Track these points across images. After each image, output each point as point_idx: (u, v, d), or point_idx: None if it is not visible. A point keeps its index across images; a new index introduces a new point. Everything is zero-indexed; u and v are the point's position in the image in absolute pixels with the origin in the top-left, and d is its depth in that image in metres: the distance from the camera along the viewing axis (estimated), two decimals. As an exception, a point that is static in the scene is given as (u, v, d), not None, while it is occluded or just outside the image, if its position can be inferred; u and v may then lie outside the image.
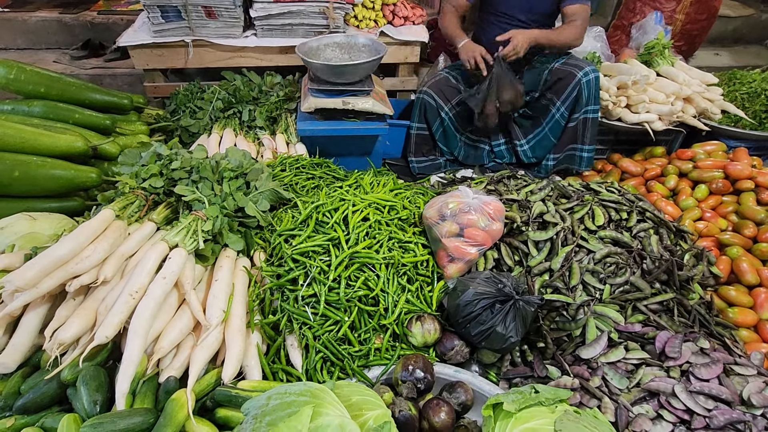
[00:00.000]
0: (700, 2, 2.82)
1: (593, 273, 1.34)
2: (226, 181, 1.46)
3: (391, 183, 1.66)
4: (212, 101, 2.33)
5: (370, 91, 2.01)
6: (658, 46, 2.41)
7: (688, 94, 2.14)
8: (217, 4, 2.21)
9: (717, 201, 1.81)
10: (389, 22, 2.56)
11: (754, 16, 3.62)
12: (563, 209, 1.52)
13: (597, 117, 2.09)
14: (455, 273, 1.39)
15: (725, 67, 3.26)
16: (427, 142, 2.33)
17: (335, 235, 1.31)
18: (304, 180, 1.80)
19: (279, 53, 2.44)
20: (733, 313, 1.44)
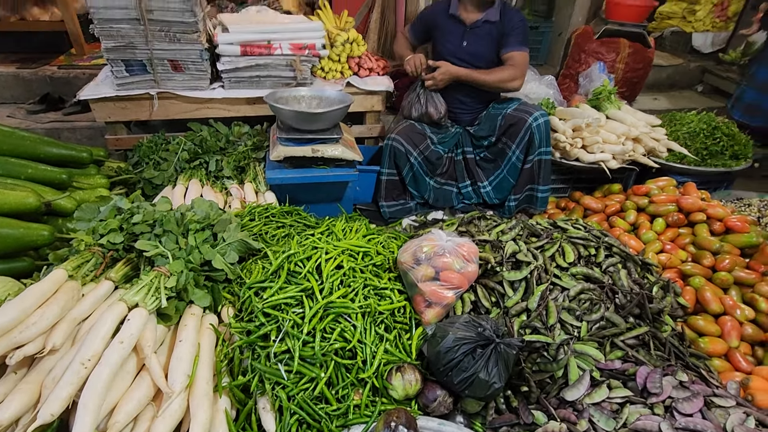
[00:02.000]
0: (636, 53, 3.12)
1: (569, 311, 1.34)
2: (192, 234, 1.40)
3: (364, 228, 1.65)
4: (177, 152, 2.28)
5: (339, 138, 2.04)
6: (604, 92, 2.61)
7: (636, 135, 2.30)
8: (183, 57, 2.23)
9: (674, 233, 1.90)
10: (355, 73, 2.66)
11: (683, 65, 4.03)
12: (534, 248, 1.55)
13: (549, 158, 2.22)
14: (433, 318, 1.36)
15: (664, 110, 3.56)
16: (397, 186, 2.36)
17: (308, 285, 1.26)
18: (274, 229, 1.75)
19: (246, 104, 2.46)
20: (704, 343, 1.47)
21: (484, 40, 2.21)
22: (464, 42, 2.23)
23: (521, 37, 2.15)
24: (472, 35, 2.22)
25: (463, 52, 2.25)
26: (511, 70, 2.17)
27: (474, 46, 2.23)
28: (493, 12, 2.16)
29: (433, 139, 2.34)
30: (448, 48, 2.28)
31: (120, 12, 2.03)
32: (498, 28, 2.18)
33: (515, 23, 2.14)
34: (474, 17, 2.19)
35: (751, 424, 1.10)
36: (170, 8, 2.07)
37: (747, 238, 1.73)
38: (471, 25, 2.21)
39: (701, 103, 3.81)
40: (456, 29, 2.24)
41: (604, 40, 3.14)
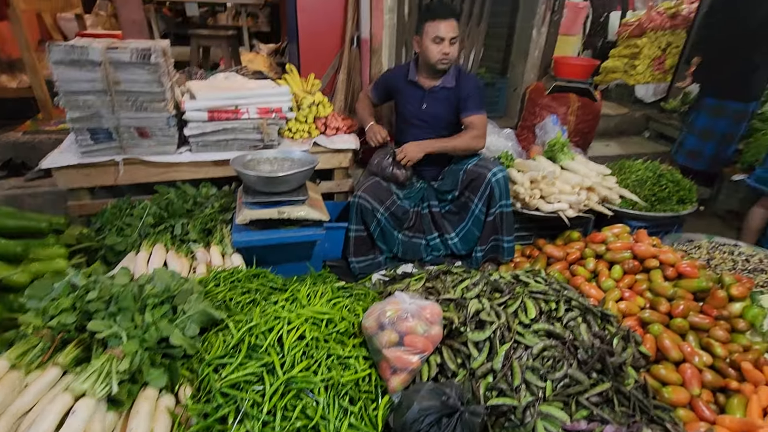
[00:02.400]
0: (584, 106, 3.36)
1: (533, 370, 1.35)
2: (149, 310, 1.36)
3: (330, 292, 1.65)
4: (142, 217, 2.26)
5: (304, 199, 2.08)
6: (558, 144, 2.78)
7: (589, 185, 2.43)
8: (151, 125, 2.27)
9: (632, 280, 1.98)
10: (322, 132, 2.75)
11: (629, 114, 4.36)
12: (497, 304, 1.58)
13: (510, 210, 2.32)
14: (399, 385, 1.34)
15: (615, 155, 3.80)
16: (366, 242, 2.39)
17: (269, 360, 1.23)
18: (239, 295, 1.73)
19: (214, 166, 2.49)
20: (667, 393, 1.50)
21: (443, 104, 2.34)
22: (424, 105, 2.36)
23: (478, 102, 2.29)
24: (431, 99, 2.35)
25: (423, 114, 2.38)
26: (473, 136, 2.30)
27: (433, 109, 2.36)
28: (450, 79, 2.31)
29: (399, 195, 2.41)
30: (409, 110, 2.41)
31: (86, 84, 2.07)
32: (455, 93, 2.31)
33: (471, 89, 2.28)
34: (431, 83, 2.33)
35: (714, 481, 1.11)
36: (138, 80, 2.12)
37: (698, 282, 1.82)
38: (429, 90, 2.34)
39: (649, 147, 4.09)
40: (415, 93, 2.38)
41: (555, 95, 3.38)
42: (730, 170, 3.46)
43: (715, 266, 2.17)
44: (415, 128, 2.43)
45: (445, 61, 2.19)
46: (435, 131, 2.39)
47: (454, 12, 2.15)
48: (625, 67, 4.61)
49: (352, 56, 3.49)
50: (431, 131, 2.39)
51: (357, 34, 3.48)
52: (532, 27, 3.60)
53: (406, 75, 2.39)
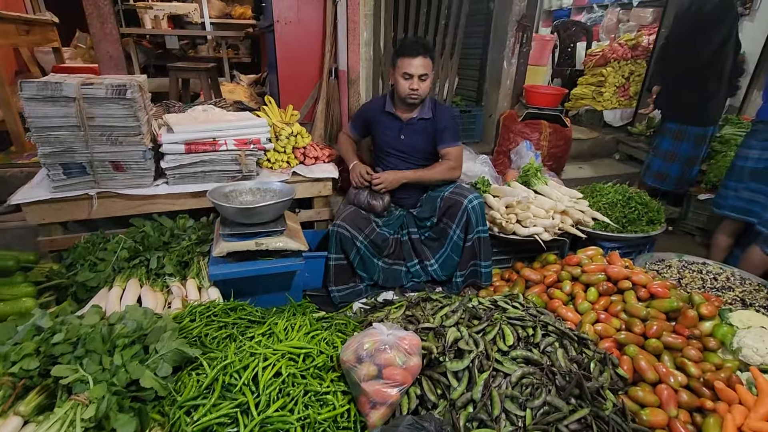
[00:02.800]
0: (556, 132, 3.49)
1: (512, 399, 1.35)
2: (119, 351, 1.32)
3: (307, 324, 1.63)
4: (116, 251, 2.21)
5: (283, 230, 2.07)
6: (532, 169, 2.86)
7: (563, 209, 2.50)
8: (126, 159, 2.25)
9: (607, 301, 2.01)
10: (301, 162, 2.78)
11: (600, 138, 4.54)
12: (476, 332, 1.58)
13: (487, 236, 2.36)
14: (379, 420, 1.32)
15: (588, 177, 3.93)
16: (346, 270, 2.38)
17: (244, 400, 1.20)
18: (215, 330, 1.69)
19: (192, 197, 2.47)
20: (645, 415, 1.51)
21: (420, 135, 2.40)
22: (402, 136, 2.42)
23: (454, 133, 2.38)
24: (408, 130, 2.41)
25: (401, 145, 2.44)
26: (449, 167, 2.38)
27: (411, 140, 2.42)
28: (426, 110, 2.37)
29: (378, 223, 2.43)
30: (387, 141, 2.46)
31: (59, 120, 2.05)
32: (432, 125, 2.38)
33: (447, 121, 2.36)
34: (408, 115, 2.39)
35: (693, 506, 1.11)
36: (113, 114, 2.12)
37: (669, 303, 1.87)
38: (407, 122, 2.40)
39: (619, 169, 4.25)
40: (393, 124, 2.44)
41: (528, 122, 3.51)
42: (696, 190, 3.61)
43: (686, 285, 2.23)
44: (392, 158, 2.49)
45: (413, 96, 2.25)
46: (413, 161, 2.45)
47: (426, 49, 2.19)
48: (593, 94, 4.84)
49: (331, 87, 3.57)
50: (409, 161, 2.45)
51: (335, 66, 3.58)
52: (503, 58, 3.76)
53: (383, 107, 2.45)
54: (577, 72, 5.32)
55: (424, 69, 2.20)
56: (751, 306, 2.06)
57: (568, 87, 5.15)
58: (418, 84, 2.21)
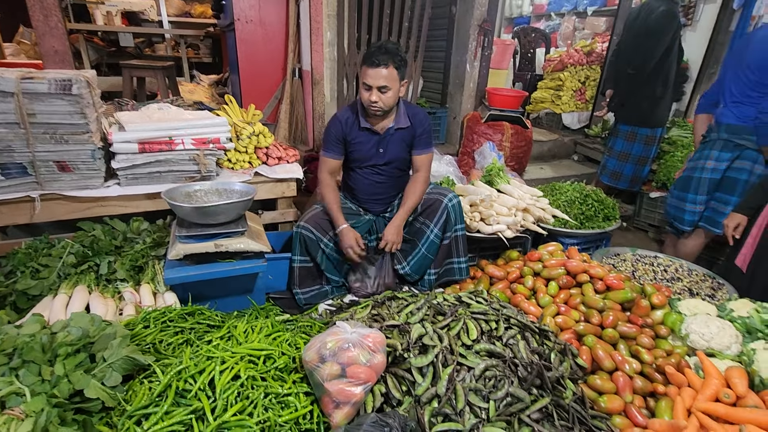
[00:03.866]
0: (517, 134, 3.59)
1: (476, 391, 1.36)
2: (61, 360, 1.23)
3: (268, 326, 1.58)
4: (62, 256, 2.07)
5: (243, 231, 2.01)
6: (494, 169, 2.92)
7: (524, 206, 2.56)
8: (72, 158, 2.12)
9: (567, 295, 2.07)
10: (264, 162, 2.71)
11: (559, 139, 4.72)
12: (440, 327, 1.59)
13: (464, 233, 2.36)
14: (343, 420, 1.29)
15: (550, 177, 4.07)
16: (311, 273, 2.33)
17: (199, 406, 1.14)
18: (170, 336, 1.60)
19: (146, 199, 2.35)
20: (603, 402, 1.55)
21: (398, 145, 2.26)
22: (380, 149, 2.25)
23: (429, 139, 2.30)
24: (385, 142, 2.24)
25: (379, 159, 2.28)
26: (422, 177, 2.30)
27: (389, 152, 2.27)
28: (402, 118, 2.21)
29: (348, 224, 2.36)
30: (365, 156, 2.29)
31: (-4, 116, 1.91)
32: (410, 132, 2.25)
33: (425, 127, 2.25)
34: (384, 126, 2.22)
35: (647, 486, 1.15)
36: (57, 111, 1.99)
37: (623, 294, 1.94)
38: (384, 134, 2.22)
39: (578, 169, 4.43)
40: (370, 139, 2.24)
41: (490, 123, 3.60)
42: (647, 188, 3.81)
43: (639, 277, 2.34)
44: (368, 171, 2.33)
45: (373, 108, 2.07)
46: (389, 173, 2.34)
47: (390, 58, 1.97)
48: (552, 98, 5.02)
49: (295, 87, 3.52)
50: (384, 173, 2.34)
51: (299, 66, 3.54)
52: (465, 61, 3.84)
53: (357, 123, 2.22)
54: (537, 77, 5.51)
55: (385, 80, 1.99)
56: (697, 295, 2.18)
57: (529, 91, 5.33)
58: (377, 96, 2.03)
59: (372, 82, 2.01)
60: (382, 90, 2.03)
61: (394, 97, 2.08)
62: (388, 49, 1.99)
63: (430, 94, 4.52)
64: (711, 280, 2.31)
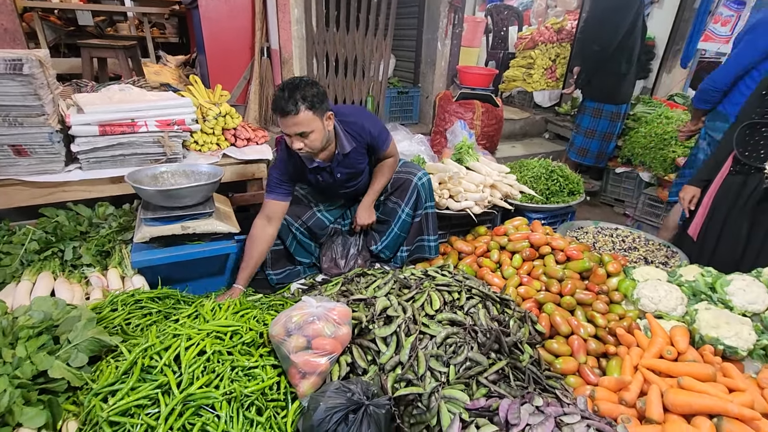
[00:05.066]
0: (488, 112, 3.64)
1: (437, 357, 1.42)
2: (23, 342, 1.23)
3: (236, 304, 1.60)
4: (24, 243, 2.03)
5: (211, 212, 2.00)
6: (464, 147, 2.97)
7: (491, 183, 2.63)
8: (29, 141, 2.05)
9: (530, 266, 2.16)
10: (232, 144, 2.68)
11: (530, 118, 4.79)
12: (405, 299, 1.64)
13: (434, 211, 2.40)
14: (309, 389, 1.34)
15: (521, 155, 4.15)
16: (282, 255, 2.35)
17: (165, 381, 1.17)
18: (139, 318, 1.61)
19: (111, 183, 2.31)
20: (559, 364, 1.65)
21: (353, 161, 2.13)
22: (337, 175, 2.13)
23: (384, 135, 2.16)
24: (341, 166, 2.11)
25: (339, 182, 2.18)
26: (392, 162, 2.27)
27: (348, 172, 2.18)
28: (346, 143, 2.03)
29: (320, 207, 2.35)
30: (325, 185, 2.21)
31: (-59, 98, 1.83)
32: (361, 146, 2.11)
33: (372, 133, 2.09)
34: (330, 153, 2.04)
35: (591, 435, 1.25)
36: (8, 92, 1.92)
37: (582, 263, 2.04)
38: (334, 161, 2.07)
39: (549, 147, 4.52)
40: (323, 172, 2.12)
41: (461, 102, 3.62)
42: (613, 164, 3.94)
43: (599, 248, 2.45)
44: (334, 192, 2.30)
45: (302, 153, 1.90)
46: (353, 185, 2.28)
47: (298, 103, 1.73)
48: (524, 76, 5.07)
49: (263, 67, 3.46)
50: (350, 186, 2.28)
51: (267, 45, 3.46)
52: (437, 39, 3.83)
53: (306, 165, 2.06)
54: (510, 55, 5.54)
55: (301, 127, 1.77)
56: (652, 263, 2.30)
57: (502, 70, 5.36)
58: (300, 143, 1.82)
59: (288, 131, 1.82)
60: (303, 135, 1.82)
61: (320, 136, 1.85)
62: (295, 91, 1.74)
63: (402, 72, 4.50)
64: (666, 249, 2.44)
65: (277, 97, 1.77)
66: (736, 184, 2.12)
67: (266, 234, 2.04)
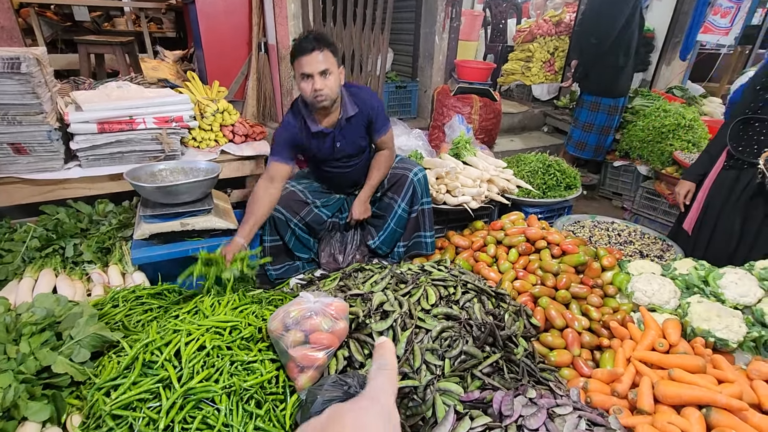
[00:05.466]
0: (486, 106, 3.64)
1: (432, 351, 1.45)
2: (26, 339, 1.26)
3: (235, 300, 1.63)
4: (25, 241, 2.05)
5: (210, 209, 2.02)
6: (462, 141, 2.98)
7: (488, 177, 2.64)
8: (28, 140, 2.07)
9: (526, 261, 2.19)
10: (230, 140, 2.69)
11: (529, 111, 4.79)
12: (401, 294, 1.67)
13: (430, 207, 2.43)
14: (307, 383, 1.37)
15: (519, 149, 4.16)
16: (282, 251, 2.37)
17: (165, 375, 1.20)
18: (139, 314, 1.64)
19: (110, 181, 2.33)
20: (553, 356, 1.68)
21: (353, 133, 2.19)
22: (337, 144, 2.18)
23: (384, 117, 2.23)
24: (341, 136, 2.17)
25: (338, 153, 2.23)
26: (387, 154, 2.30)
27: (346, 145, 2.21)
28: (348, 105, 2.11)
29: (317, 203, 2.37)
30: (323, 155, 2.24)
31: (-60, 97, 1.85)
32: (362, 118, 2.17)
33: (376, 107, 2.17)
34: (332, 120, 2.13)
35: (583, 427, 1.28)
36: (7, 91, 1.93)
37: (577, 257, 2.06)
38: (336, 127, 2.14)
39: (547, 141, 4.53)
40: (324, 140, 2.17)
41: (459, 96, 3.62)
42: (611, 157, 3.95)
43: (595, 242, 2.47)
44: (331, 167, 2.31)
45: (320, 98, 1.95)
46: (351, 164, 2.32)
47: (321, 42, 1.88)
48: (522, 69, 5.06)
49: (261, 62, 3.45)
50: (348, 164, 2.31)
51: (264, 40, 3.46)
52: (434, 33, 3.82)
53: (307, 128, 2.12)
54: (509, 48, 5.51)
55: (324, 64, 1.89)
56: (647, 256, 2.33)
57: (500, 63, 5.34)
58: (321, 83, 1.91)
59: (311, 69, 1.89)
60: (324, 74, 1.91)
61: (337, 82, 1.97)
62: (317, 36, 1.90)
63: (400, 67, 4.49)
64: (661, 243, 2.46)
65: (301, 41, 1.90)
66: (729, 179, 2.14)
67: (268, 194, 2.07)
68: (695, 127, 3.43)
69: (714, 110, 4.38)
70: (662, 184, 3.41)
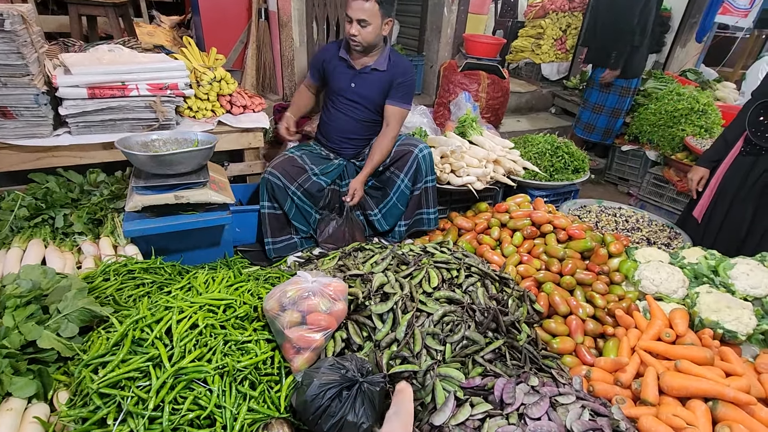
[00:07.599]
0: (494, 84, 3.51)
1: (433, 336, 1.41)
2: (10, 312, 1.20)
3: (230, 277, 1.57)
4: (13, 209, 1.98)
5: (206, 182, 1.94)
6: (468, 120, 2.87)
7: (495, 158, 2.55)
8: (14, 103, 1.96)
9: (531, 245, 2.13)
10: (228, 111, 2.58)
11: (537, 91, 4.65)
12: (403, 276, 1.61)
13: (434, 185, 2.36)
14: (303, 364, 1.32)
15: (526, 130, 4.05)
16: (281, 220, 2.30)
17: (156, 353, 1.15)
18: (131, 288, 1.59)
19: (103, 149, 2.23)
20: (556, 343, 1.64)
21: (372, 85, 2.23)
22: (352, 84, 2.24)
23: (407, 93, 2.24)
24: (360, 79, 2.23)
25: (351, 93, 2.26)
26: (391, 135, 2.25)
27: (362, 89, 2.25)
28: (382, 61, 2.18)
29: (315, 171, 2.32)
30: (338, 87, 2.28)
31: None
32: (386, 78, 2.20)
33: (403, 79, 2.20)
34: (362, 63, 2.21)
35: (586, 417, 1.24)
36: (-11, 50, 1.82)
37: (584, 243, 2.00)
38: (360, 70, 2.21)
39: (554, 122, 4.41)
40: (345, 71, 2.24)
41: (467, 72, 3.49)
42: (620, 141, 3.84)
43: (602, 227, 2.41)
44: (342, 104, 2.31)
45: (353, 42, 2.08)
46: (360, 110, 2.30)
47: None
48: (532, 47, 4.88)
49: (261, 30, 3.30)
50: (357, 110, 2.30)
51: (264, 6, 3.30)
52: (443, 5, 3.64)
53: (336, 52, 2.25)
54: (519, 24, 5.31)
55: (365, 14, 1.99)
56: (654, 244, 2.27)
57: (510, 39, 5.15)
58: (357, 29, 2.03)
59: (352, 14, 2.01)
60: (362, 24, 2.02)
61: (375, 33, 2.07)
62: None
63: (406, 40, 4.31)
64: (669, 230, 2.40)
65: None
66: (745, 165, 2.06)
67: (307, 91, 2.47)
68: (709, 113, 3.32)
69: (727, 95, 4.25)
70: (671, 170, 3.32)
